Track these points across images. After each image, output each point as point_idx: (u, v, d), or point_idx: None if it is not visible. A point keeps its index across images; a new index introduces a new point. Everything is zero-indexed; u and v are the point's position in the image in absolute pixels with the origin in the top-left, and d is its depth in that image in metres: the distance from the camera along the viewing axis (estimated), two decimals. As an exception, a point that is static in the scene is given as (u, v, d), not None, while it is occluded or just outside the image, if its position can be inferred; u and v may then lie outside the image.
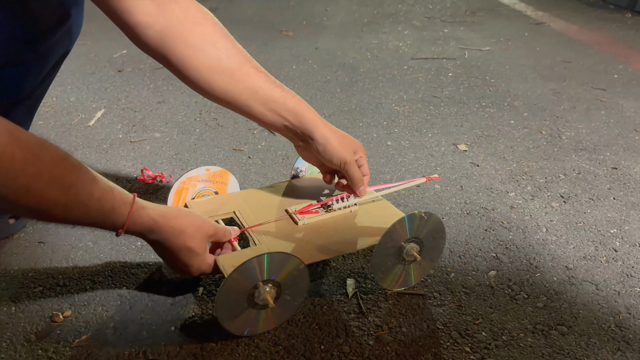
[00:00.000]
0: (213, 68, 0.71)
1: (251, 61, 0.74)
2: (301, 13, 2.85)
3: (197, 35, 0.69)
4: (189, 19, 0.69)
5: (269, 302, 0.69)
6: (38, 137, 0.54)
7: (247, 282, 0.67)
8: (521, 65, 2.02)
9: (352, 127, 1.44)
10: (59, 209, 0.56)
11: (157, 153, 1.26)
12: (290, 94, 0.76)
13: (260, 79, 0.74)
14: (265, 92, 0.74)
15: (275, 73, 1.88)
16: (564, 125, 1.48)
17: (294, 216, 0.84)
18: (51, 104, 1.54)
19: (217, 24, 0.73)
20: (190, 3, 0.71)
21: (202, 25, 0.70)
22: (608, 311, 0.80)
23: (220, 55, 0.71)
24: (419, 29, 2.55)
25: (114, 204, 0.61)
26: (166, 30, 0.68)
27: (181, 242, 0.69)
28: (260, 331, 0.73)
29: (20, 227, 0.95)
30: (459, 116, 1.53)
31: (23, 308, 0.78)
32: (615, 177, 1.20)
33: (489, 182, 1.17)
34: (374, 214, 0.86)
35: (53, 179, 0.54)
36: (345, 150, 0.78)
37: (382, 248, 0.75)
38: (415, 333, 0.75)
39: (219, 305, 0.67)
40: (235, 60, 0.72)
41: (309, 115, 0.76)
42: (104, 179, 0.61)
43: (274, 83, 0.75)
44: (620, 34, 2.53)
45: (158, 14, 0.67)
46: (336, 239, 0.80)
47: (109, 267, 0.87)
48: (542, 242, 0.96)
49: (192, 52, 0.69)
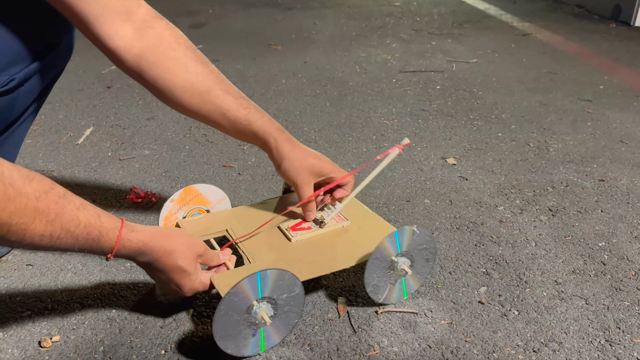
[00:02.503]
0: (185, 89, 0.76)
1: (222, 83, 0.78)
2: (290, 27, 2.86)
3: (170, 59, 0.75)
4: (164, 44, 0.74)
5: (265, 320, 0.69)
6: (23, 169, 0.54)
7: (243, 300, 0.67)
8: (508, 77, 2.04)
9: (341, 141, 1.44)
10: (45, 240, 0.56)
11: (147, 171, 1.26)
12: (256, 115, 0.79)
13: (227, 101, 0.78)
14: (232, 113, 0.78)
15: (264, 87, 1.90)
16: (551, 137, 1.49)
17: (287, 233, 0.84)
18: (39, 122, 1.53)
19: (189, 48, 0.77)
20: (165, 28, 0.76)
21: (174, 50, 0.75)
22: (598, 326, 0.80)
23: (190, 78, 0.76)
24: (406, 42, 2.57)
25: (102, 230, 0.61)
26: (143, 54, 0.73)
27: (172, 262, 0.69)
28: (263, 350, 0.73)
29: (8, 249, 0.94)
30: (447, 129, 1.54)
31: (11, 333, 0.77)
32: (603, 189, 1.21)
33: (478, 196, 1.18)
34: (366, 228, 0.87)
35: (37, 213, 0.54)
36: (300, 172, 0.81)
37: (374, 263, 0.76)
38: (407, 352, 0.75)
39: (217, 327, 0.67)
40: (205, 83, 0.77)
41: (270, 137, 0.80)
42: (91, 205, 0.61)
43: (242, 105, 0.79)
44: (605, 44, 2.56)
45: (135, 39, 0.72)
46: (330, 255, 0.81)
47: (98, 289, 0.86)
48: (531, 257, 0.96)
49: (166, 74, 0.75)
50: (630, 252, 0.98)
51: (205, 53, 0.80)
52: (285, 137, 0.81)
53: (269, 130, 0.80)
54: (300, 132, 1.48)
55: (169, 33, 0.75)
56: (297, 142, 0.82)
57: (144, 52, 0.73)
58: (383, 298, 0.81)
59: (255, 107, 0.80)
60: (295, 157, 0.81)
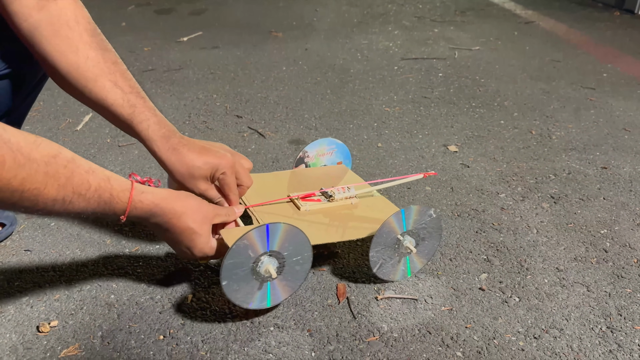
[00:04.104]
0: (69, 73, 0.70)
1: (113, 74, 0.72)
2: (291, 14, 2.84)
3: (62, 38, 0.69)
4: (61, 21, 0.69)
5: (271, 273, 0.70)
6: (29, 135, 0.54)
7: (249, 253, 0.69)
8: (511, 65, 2.03)
9: (342, 128, 1.43)
10: (57, 204, 0.56)
11: (146, 157, 1.25)
12: (141, 117, 0.73)
13: (113, 95, 0.72)
14: (115, 108, 0.72)
15: (264, 74, 1.89)
16: (554, 125, 1.48)
17: (297, 202, 0.86)
18: (38, 108, 1.52)
19: (87, 31, 0.71)
20: (68, 4, 0.70)
21: (70, 30, 0.70)
22: (599, 313, 0.80)
23: (78, 61, 0.70)
24: (408, 29, 2.55)
25: (112, 193, 0.62)
26: (37, 26, 0.68)
27: (183, 224, 0.70)
28: (269, 304, 0.74)
29: (7, 235, 0.94)
30: (449, 117, 1.53)
31: (9, 318, 0.76)
32: (605, 177, 1.20)
33: (480, 183, 1.17)
34: (374, 207, 0.88)
35: (48, 177, 0.54)
36: (193, 181, 0.75)
37: (379, 238, 0.78)
38: (407, 338, 0.74)
39: (224, 277, 0.68)
40: (93, 70, 0.71)
41: (154, 144, 0.73)
42: (100, 168, 0.62)
43: (128, 101, 0.72)
44: (609, 32, 2.54)
45: (35, 9, 0.68)
46: (337, 225, 0.82)
47: (97, 275, 0.86)
48: (532, 244, 0.96)
49: (54, 52, 0.69)
50: (632, 240, 0.97)
51: (205, 40, 0.78)
52: (170, 146, 0.73)
53: (153, 137, 0.73)
54: (300, 119, 1.47)
55: (71, 10, 0.70)
56: (183, 145, 0.74)
57: (39, 24, 0.68)
58: (386, 275, 0.83)
59: (145, 107, 0.73)
60: (183, 167, 0.74)
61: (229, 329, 0.75)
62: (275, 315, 0.78)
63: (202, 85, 1.75)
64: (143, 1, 2.96)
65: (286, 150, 1.31)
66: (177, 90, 1.71)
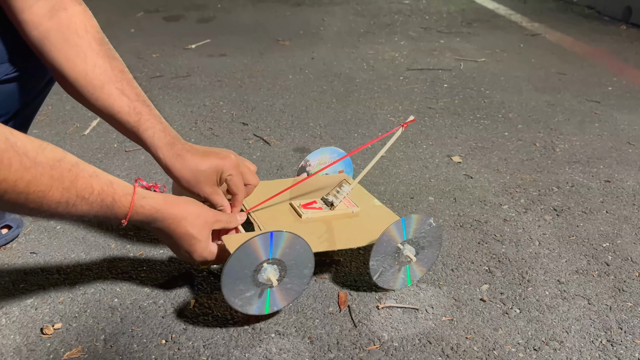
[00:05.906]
0: (77, 80, 0.72)
1: (119, 82, 0.73)
2: (298, 23, 2.86)
3: (71, 46, 0.71)
4: (71, 29, 0.71)
5: (272, 281, 0.71)
6: (35, 139, 0.55)
7: (251, 260, 0.70)
8: (516, 77, 2.03)
9: (347, 137, 1.44)
10: (61, 207, 0.58)
11: (152, 163, 1.26)
12: (146, 124, 0.75)
13: (120, 102, 0.73)
14: (122, 116, 0.74)
15: (271, 82, 1.90)
16: (558, 138, 1.49)
17: (298, 209, 0.87)
18: (46, 113, 1.54)
19: (96, 39, 0.73)
20: (78, 13, 0.72)
21: (79, 38, 0.71)
22: (600, 326, 0.80)
23: (86, 69, 0.72)
24: (415, 40, 2.56)
25: (115, 197, 0.63)
26: (47, 34, 0.70)
27: (182, 229, 0.71)
28: (268, 311, 0.75)
29: (13, 237, 0.95)
30: (453, 127, 1.54)
31: (14, 319, 0.77)
32: (609, 190, 1.21)
33: (483, 194, 1.17)
34: (374, 216, 0.89)
35: (53, 180, 0.56)
36: (200, 186, 0.76)
37: (380, 247, 0.79)
38: (407, 347, 0.75)
39: (225, 282, 0.69)
40: (100, 78, 0.72)
41: (159, 151, 0.75)
42: (103, 173, 0.63)
43: (134, 109, 0.74)
44: (615, 46, 2.55)
45: (45, 17, 0.69)
46: (338, 233, 0.83)
47: (101, 278, 0.87)
48: (534, 256, 0.96)
49: (63, 60, 0.71)
50: (634, 254, 0.97)
51: (213, 47, 0.80)
52: (174, 153, 0.75)
53: (158, 145, 0.75)
54: (306, 127, 1.48)
55: (80, 19, 0.72)
56: (187, 150, 0.76)
57: (49, 32, 0.70)
58: (386, 283, 0.83)
59: (150, 115, 0.75)
60: (188, 172, 0.76)
61: (230, 335, 0.76)
62: (277, 322, 0.78)
63: (209, 92, 1.76)
64: (152, 8, 2.99)
65: (291, 158, 1.31)
66: (185, 96, 1.72)
